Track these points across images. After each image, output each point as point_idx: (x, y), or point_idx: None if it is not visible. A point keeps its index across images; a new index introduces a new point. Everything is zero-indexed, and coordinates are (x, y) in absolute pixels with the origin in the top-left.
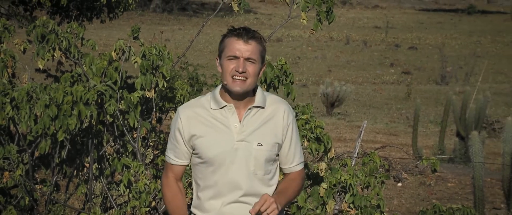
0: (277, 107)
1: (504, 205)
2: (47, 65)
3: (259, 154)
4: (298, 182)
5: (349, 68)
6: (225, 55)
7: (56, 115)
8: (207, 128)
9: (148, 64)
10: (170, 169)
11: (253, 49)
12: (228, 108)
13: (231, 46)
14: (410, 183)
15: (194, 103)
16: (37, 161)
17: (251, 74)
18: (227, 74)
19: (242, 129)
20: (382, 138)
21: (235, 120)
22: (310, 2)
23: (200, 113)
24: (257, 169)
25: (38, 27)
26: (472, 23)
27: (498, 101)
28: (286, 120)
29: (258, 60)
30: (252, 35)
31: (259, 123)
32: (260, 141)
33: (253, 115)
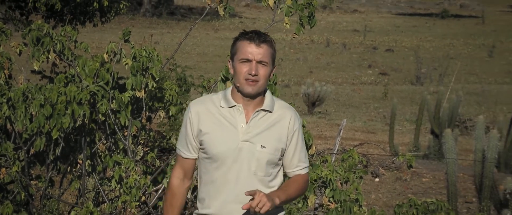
0: (284, 113)
1: (475, 199)
2: (42, 67)
3: (262, 156)
4: (300, 183)
5: (329, 69)
6: (237, 58)
7: (50, 114)
8: (215, 125)
9: (138, 66)
10: (180, 163)
11: (265, 52)
12: (237, 108)
13: (244, 49)
14: (387, 178)
15: (206, 100)
16: (33, 158)
17: (262, 76)
18: (240, 77)
19: (248, 130)
20: (360, 136)
21: (242, 120)
22: (293, 8)
23: (210, 109)
24: (258, 170)
25: (33, 30)
26: (446, 27)
27: (470, 100)
28: (292, 126)
29: (269, 63)
30: (264, 39)
31: (265, 126)
32: (264, 143)
33: (260, 117)
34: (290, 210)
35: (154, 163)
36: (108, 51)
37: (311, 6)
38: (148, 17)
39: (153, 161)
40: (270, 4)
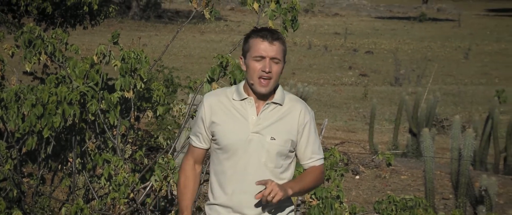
0: (294, 105)
1: (452, 196)
2: (34, 68)
3: (272, 148)
4: (316, 174)
5: (311, 71)
6: (251, 55)
7: (42, 113)
8: (227, 116)
9: (127, 67)
10: (191, 152)
11: (278, 49)
12: (248, 101)
13: (257, 47)
14: (367, 176)
15: (219, 93)
16: (25, 156)
17: (275, 73)
18: (254, 74)
19: (258, 122)
20: (341, 135)
21: (253, 112)
22: (276, 11)
23: (223, 101)
24: (268, 161)
25: (25, 33)
26: (423, 30)
27: (447, 101)
28: (303, 118)
29: (281, 59)
30: (277, 37)
31: (275, 119)
32: (273, 135)
33: (271, 110)
34: None
35: (142, 161)
36: (97, 53)
37: (294, 10)
38: (136, 20)
39: (141, 159)
40: (255, 7)
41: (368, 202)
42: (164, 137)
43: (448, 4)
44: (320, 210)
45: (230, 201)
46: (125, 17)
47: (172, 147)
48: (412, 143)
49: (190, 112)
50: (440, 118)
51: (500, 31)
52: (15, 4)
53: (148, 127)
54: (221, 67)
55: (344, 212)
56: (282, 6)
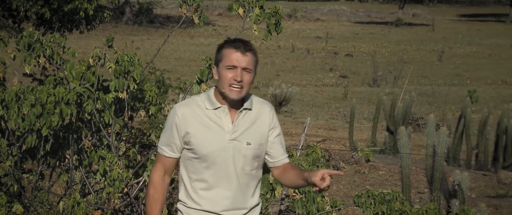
0: (262, 108)
1: (427, 190)
2: (33, 70)
3: (248, 152)
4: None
5: (294, 72)
6: (223, 64)
7: (41, 113)
8: (202, 126)
9: (121, 69)
10: (161, 161)
11: (250, 60)
12: (222, 109)
13: (230, 57)
14: (347, 171)
15: (190, 103)
16: (25, 153)
17: (246, 83)
18: (225, 83)
19: (234, 129)
20: (323, 133)
21: (228, 120)
22: (261, 16)
23: (195, 111)
24: (245, 165)
25: (25, 37)
26: (400, 34)
27: (422, 101)
28: (271, 119)
29: (253, 70)
30: (249, 48)
31: (248, 124)
32: (249, 140)
33: (243, 116)
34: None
35: (136, 157)
36: (93, 56)
37: (277, 14)
38: (129, 25)
39: (135, 155)
40: (240, 13)
41: (348, 196)
42: (156, 135)
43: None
44: (303, 203)
45: (213, 207)
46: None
47: None
48: (389, 140)
49: None
50: (415, 116)
51: (471, 35)
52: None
53: (141, 125)
54: (209, 69)
55: (326, 205)
56: (266, 11)
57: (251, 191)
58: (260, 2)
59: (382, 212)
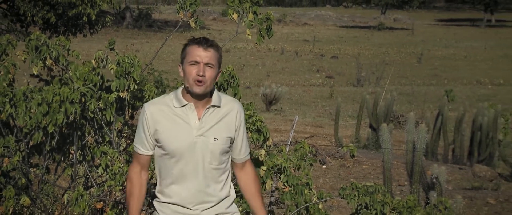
0: (231, 106)
1: (407, 183)
2: (40, 71)
3: (215, 147)
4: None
5: (283, 73)
6: (187, 61)
7: (47, 111)
8: (170, 123)
9: (122, 70)
10: (136, 159)
11: (212, 55)
12: (188, 106)
13: (193, 53)
14: (333, 166)
15: (159, 101)
16: (32, 149)
17: (209, 77)
18: (189, 78)
19: (201, 125)
20: (310, 129)
21: (194, 117)
22: (254, 21)
23: (164, 109)
24: (212, 160)
25: (32, 40)
26: (382, 37)
27: (402, 99)
28: (239, 118)
29: (215, 65)
30: (210, 43)
31: (216, 120)
32: (216, 136)
33: (210, 113)
34: None
35: None
36: (96, 58)
37: (269, 20)
38: (130, 29)
39: None
40: (235, 18)
41: (334, 189)
42: None
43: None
44: (291, 195)
45: (182, 200)
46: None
47: None
48: (372, 137)
49: None
50: (396, 114)
51: (448, 39)
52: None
53: None
54: None
55: (313, 197)
56: (258, 17)
57: (220, 185)
58: (253, 8)
59: (365, 203)
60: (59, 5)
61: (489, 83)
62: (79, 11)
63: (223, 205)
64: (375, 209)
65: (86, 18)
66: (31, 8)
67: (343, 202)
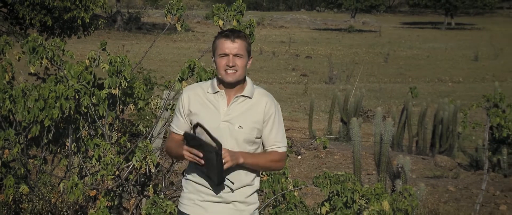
0: (261, 99)
1: (375, 172)
2: (37, 70)
3: (239, 135)
4: (273, 156)
5: (262, 72)
6: (217, 53)
7: (43, 106)
8: (202, 107)
9: (114, 69)
10: (171, 137)
11: (240, 46)
12: (220, 93)
13: (222, 45)
14: (307, 156)
15: (196, 86)
16: (30, 142)
17: (240, 66)
18: (221, 69)
19: (228, 112)
20: (286, 123)
21: (224, 103)
22: (237, 27)
23: (199, 93)
24: (235, 146)
25: (30, 41)
26: (352, 39)
27: (371, 96)
28: (267, 110)
29: (244, 54)
30: (237, 35)
31: (244, 110)
32: (241, 124)
33: (240, 102)
34: None
35: (126, 145)
36: (89, 58)
37: (251, 26)
38: (121, 31)
39: (125, 143)
40: (220, 24)
41: (308, 177)
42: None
43: (371, 18)
44: (269, 183)
45: (202, 180)
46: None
47: (150, 134)
48: (343, 130)
49: (165, 105)
50: (365, 109)
51: (412, 40)
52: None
53: (131, 117)
54: (189, 69)
55: (289, 185)
56: (242, 24)
57: (243, 172)
58: (237, 17)
59: (336, 190)
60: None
61: (449, 81)
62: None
63: (243, 192)
64: (345, 196)
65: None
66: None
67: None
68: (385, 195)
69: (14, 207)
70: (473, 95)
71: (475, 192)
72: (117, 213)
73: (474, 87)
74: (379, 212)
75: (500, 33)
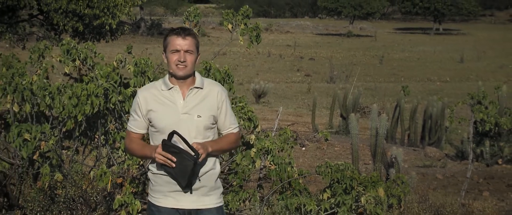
0: (212, 88)
1: (371, 162)
2: (70, 71)
3: (199, 124)
4: (231, 138)
5: (270, 72)
6: (169, 49)
7: (76, 103)
8: (159, 104)
9: (139, 70)
10: (129, 136)
11: (190, 43)
12: (174, 89)
13: (173, 42)
14: (310, 148)
15: (149, 86)
16: (64, 134)
17: (190, 62)
18: (172, 64)
19: (185, 105)
20: (292, 118)
21: (179, 97)
22: (245, 30)
23: (154, 93)
24: (197, 134)
25: (64, 45)
26: (350, 43)
27: (367, 94)
28: (220, 97)
29: (194, 51)
30: (188, 32)
31: (199, 100)
32: (199, 113)
33: (194, 94)
34: (243, 170)
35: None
36: (116, 60)
37: (258, 29)
38: (144, 36)
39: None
40: (229, 28)
41: (311, 167)
42: None
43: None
44: (277, 172)
45: None
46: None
47: None
48: (342, 124)
49: None
50: (362, 106)
51: (404, 44)
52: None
53: None
54: (205, 70)
55: (294, 173)
56: (249, 27)
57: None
58: (244, 20)
59: (337, 178)
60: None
61: (437, 81)
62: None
63: (208, 178)
64: (345, 183)
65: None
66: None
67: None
68: (380, 183)
69: (50, 193)
70: (459, 94)
71: (460, 180)
72: (141, 198)
73: (459, 86)
74: (375, 198)
75: (483, 38)
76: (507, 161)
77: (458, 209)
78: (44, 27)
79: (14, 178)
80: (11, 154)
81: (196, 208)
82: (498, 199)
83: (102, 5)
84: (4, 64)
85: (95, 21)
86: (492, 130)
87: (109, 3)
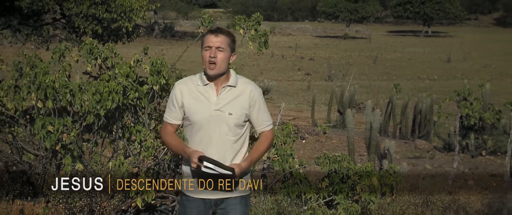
0: (245, 86)
1: (366, 153)
2: (90, 70)
3: (230, 121)
4: (265, 142)
5: (273, 71)
6: (203, 47)
7: (99, 99)
8: (193, 99)
9: (155, 69)
10: (165, 126)
11: (222, 40)
12: (209, 85)
13: (207, 39)
14: (310, 140)
15: (187, 80)
16: (84, 128)
17: (220, 59)
18: (205, 61)
19: (218, 101)
20: (293, 113)
21: (213, 94)
22: (255, 36)
23: (190, 87)
24: (228, 131)
25: (87, 45)
26: (347, 45)
27: (362, 91)
28: (252, 95)
29: (226, 49)
30: (221, 31)
31: (231, 98)
32: (231, 111)
33: (227, 91)
34: None
35: None
36: (134, 60)
37: (266, 35)
38: (158, 38)
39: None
40: (241, 32)
41: (311, 158)
42: None
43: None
44: (279, 163)
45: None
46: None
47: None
48: (339, 119)
49: None
50: (358, 102)
51: (396, 46)
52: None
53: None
54: None
55: (295, 164)
56: (258, 33)
57: (231, 155)
58: (255, 26)
59: (334, 168)
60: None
61: (426, 79)
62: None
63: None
64: (342, 173)
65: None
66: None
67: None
68: (374, 173)
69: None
70: (446, 91)
71: (448, 170)
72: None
73: (447, 84)
74: (369, 186)
75: (468, 40)
76: (490, 153)
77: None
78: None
79: (39, 168)
80: (36, 146)
81: (222, 197)
82: (482, 187)
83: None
84: (28, 64)
85: (113, 24)
86: (477, 124)
87: (125, 8)
